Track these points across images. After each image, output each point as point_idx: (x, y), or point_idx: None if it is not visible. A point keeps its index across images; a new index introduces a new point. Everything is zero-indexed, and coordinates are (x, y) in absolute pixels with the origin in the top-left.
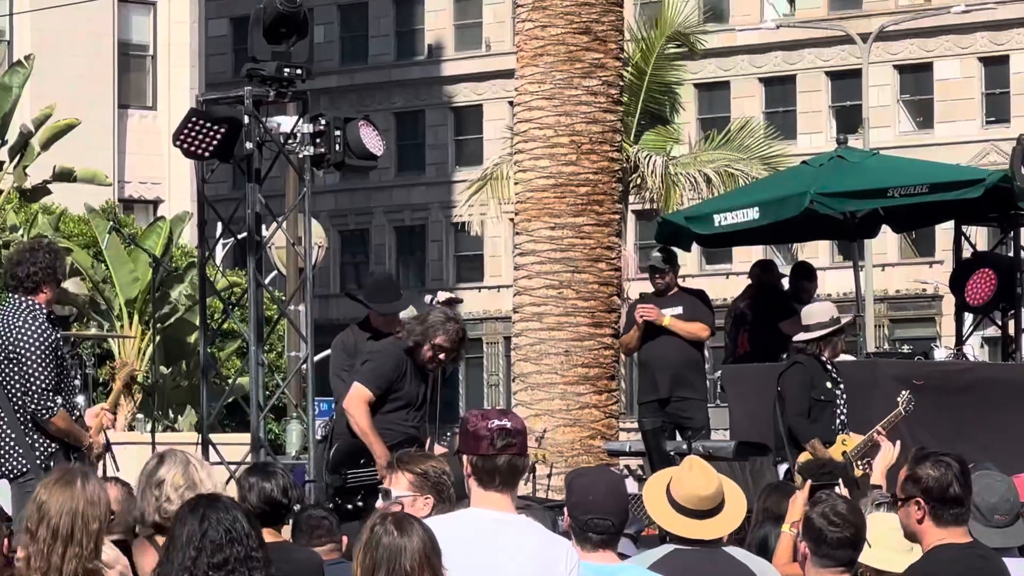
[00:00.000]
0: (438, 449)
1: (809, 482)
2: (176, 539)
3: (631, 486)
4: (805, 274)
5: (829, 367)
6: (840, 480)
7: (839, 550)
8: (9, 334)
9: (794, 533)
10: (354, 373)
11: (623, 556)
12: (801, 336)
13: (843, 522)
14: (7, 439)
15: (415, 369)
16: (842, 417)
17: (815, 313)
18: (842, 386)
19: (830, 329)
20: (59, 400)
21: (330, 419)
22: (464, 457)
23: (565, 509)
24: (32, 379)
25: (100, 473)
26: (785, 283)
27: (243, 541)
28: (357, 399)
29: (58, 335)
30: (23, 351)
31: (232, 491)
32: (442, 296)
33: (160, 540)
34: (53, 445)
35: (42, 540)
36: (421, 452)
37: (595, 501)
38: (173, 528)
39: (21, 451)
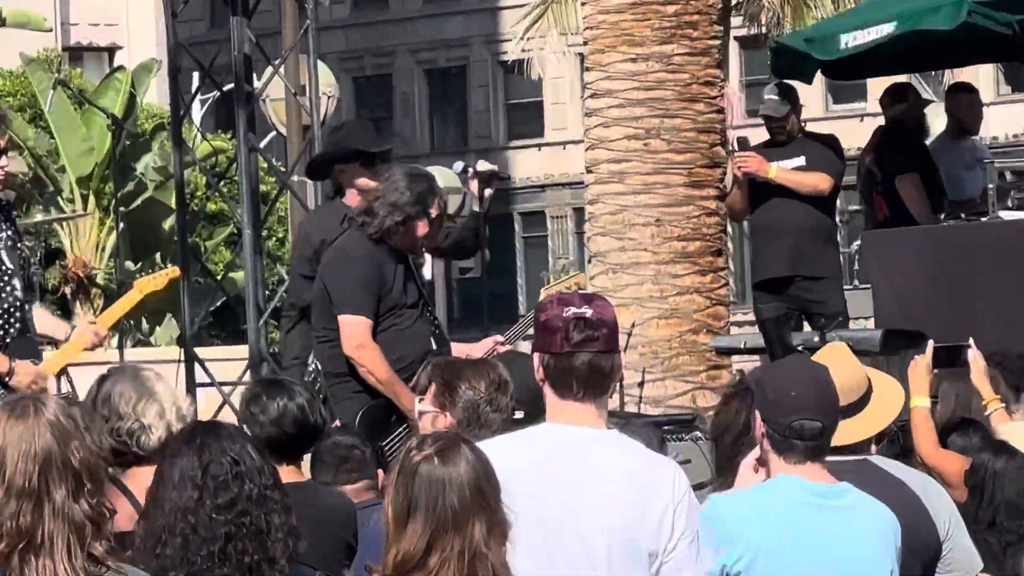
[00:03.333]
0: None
1: (931, 343)
2: (166, 478)
3: None
4: (966, 100)
5: None
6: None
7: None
8: None
9: (928, 406)
10: (325, 308)
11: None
12: None
13: None
14: None
15: (395, 261)
16: None
17: None
18: None
19: None
20: None
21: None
22: (535, 356)
23: (756, 413)
24: None
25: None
26: (937, 122)
27: (255, 477)
28: (358, 337)
29: None
30: None
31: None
32: (483, 167)
33: (129, 476)
34: None
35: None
36: (459, 358)
37: (799, 398)
38: (162, 466)
39: None
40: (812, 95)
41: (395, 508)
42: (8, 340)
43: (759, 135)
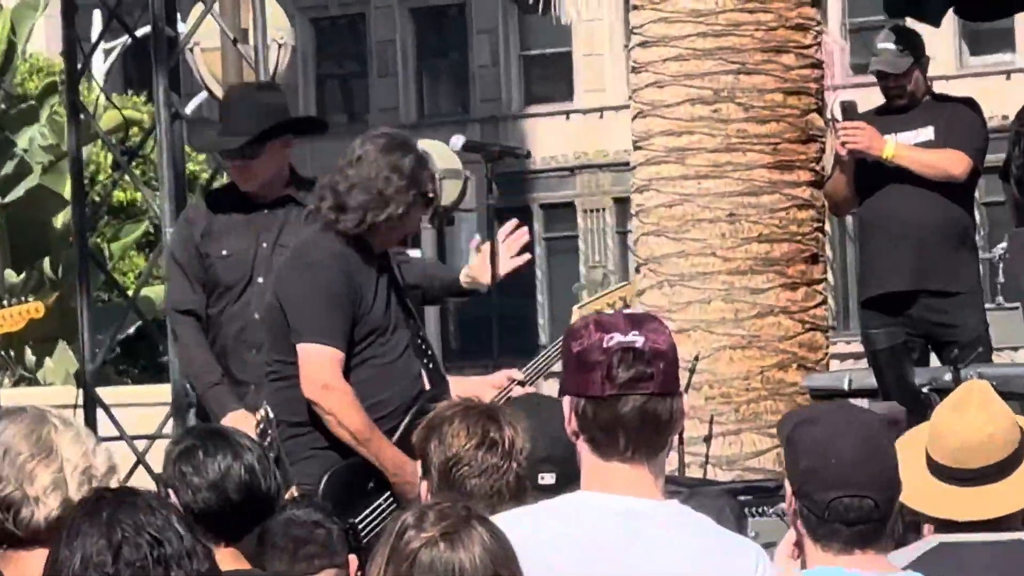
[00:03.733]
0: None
1: None
2: (62, 566)
3: None
4: None
5: None
6: None
7: None
8: None
9: None
10: (279, 334)
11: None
12: None
13: None
14: None
15: (375, 268)
16: None
17: None
18: None
19: None
20: None
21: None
22: (566, 401)
23: (786, 483)
24: None
25: None
26: None
27: (182, 562)
28: (324, 374)
29: None
30: None
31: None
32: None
33: (6, 562)
34: None
35: None
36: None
37: (843, 466)
38: (57, 551)
39: None
40: (941, 45)
41: None
42: None
43: (869, 99)
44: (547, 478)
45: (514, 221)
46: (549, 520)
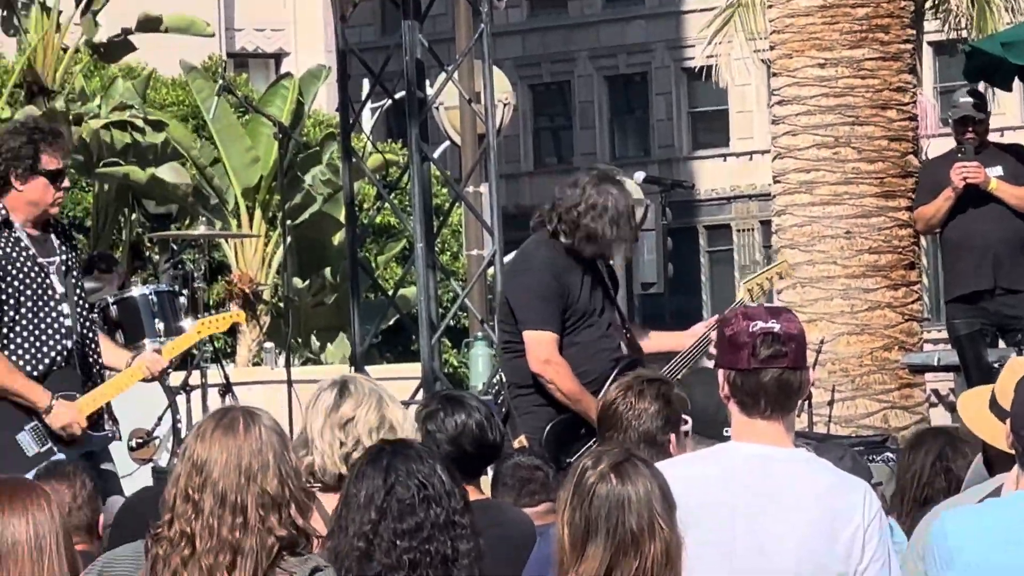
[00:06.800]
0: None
1: None
2: (351, 499)
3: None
4: None
5: None
6: None
7: None
8: None
9: None
10: (508, 319)
11: None
12: None
13: None
14: None
15: (581, 267)
16: None
17: None
18: None
19: None
20: None
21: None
22: (720, 373)
23: (1008, 422)
24: None
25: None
26: None
27: (442, 501)
28: (544, 352)
29: (3, 245)
30: None
31: None
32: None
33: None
34: None
35: (208, 510)
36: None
37: None
38: (347, 486)
39: None
40: (1009, 99)
41: (572, 530)
42: (53, 368)
43: (949, 146)
44: (728, 431)
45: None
46: (702, 463)
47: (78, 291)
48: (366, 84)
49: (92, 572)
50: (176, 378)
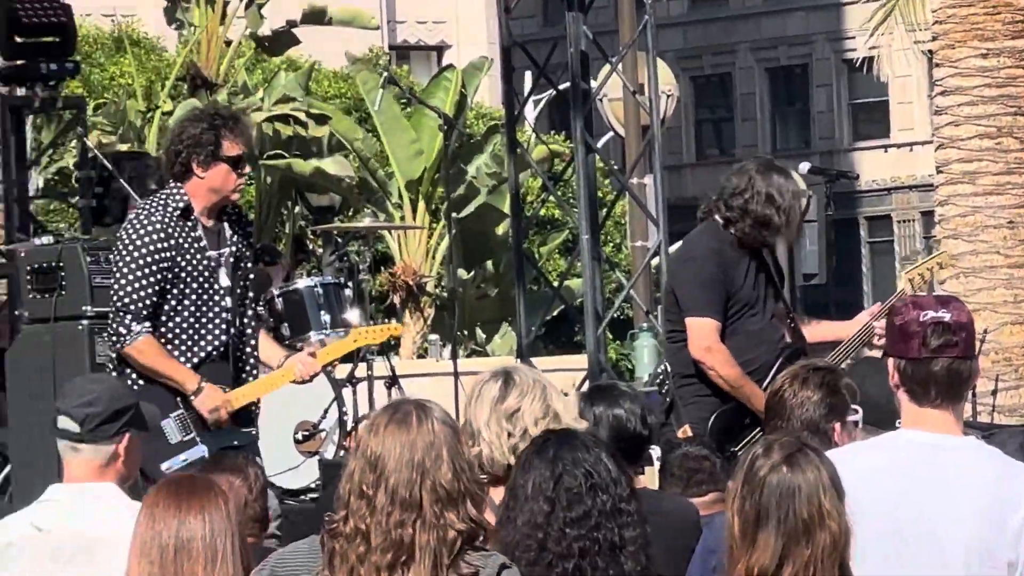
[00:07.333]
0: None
1: None
2: (518, 490)
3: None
4: None
5: None
6: None
7: None
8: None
9: None
10: (673, 308)
11: None
12: None
13: None
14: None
15: (746, 255)
16: None
17: None
18: None
19: None
20: (137, 326)
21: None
22: (890, 362)
23: None
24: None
25: None
26: None
27: (609, 489)
28: (706, 339)
29: (178, 235)
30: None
31: None
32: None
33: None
34: (140, 381)
35: (381, 507)
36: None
37: None
38: (514, 477)
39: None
40: None
41: (743, 519)
42: (208, 361)
43: None
44: (899, 423)
45: None
46: (870, 451)
47: (242, 283)
48: (528, 76)
49: (264, 570)
50: (342, 370)
